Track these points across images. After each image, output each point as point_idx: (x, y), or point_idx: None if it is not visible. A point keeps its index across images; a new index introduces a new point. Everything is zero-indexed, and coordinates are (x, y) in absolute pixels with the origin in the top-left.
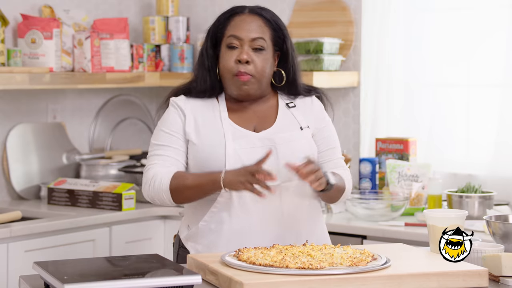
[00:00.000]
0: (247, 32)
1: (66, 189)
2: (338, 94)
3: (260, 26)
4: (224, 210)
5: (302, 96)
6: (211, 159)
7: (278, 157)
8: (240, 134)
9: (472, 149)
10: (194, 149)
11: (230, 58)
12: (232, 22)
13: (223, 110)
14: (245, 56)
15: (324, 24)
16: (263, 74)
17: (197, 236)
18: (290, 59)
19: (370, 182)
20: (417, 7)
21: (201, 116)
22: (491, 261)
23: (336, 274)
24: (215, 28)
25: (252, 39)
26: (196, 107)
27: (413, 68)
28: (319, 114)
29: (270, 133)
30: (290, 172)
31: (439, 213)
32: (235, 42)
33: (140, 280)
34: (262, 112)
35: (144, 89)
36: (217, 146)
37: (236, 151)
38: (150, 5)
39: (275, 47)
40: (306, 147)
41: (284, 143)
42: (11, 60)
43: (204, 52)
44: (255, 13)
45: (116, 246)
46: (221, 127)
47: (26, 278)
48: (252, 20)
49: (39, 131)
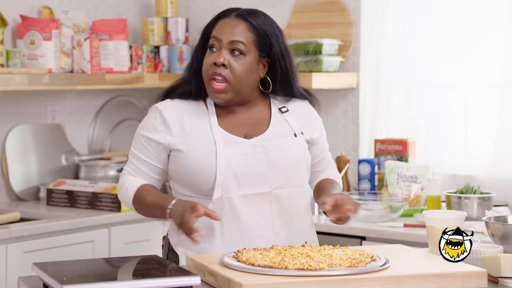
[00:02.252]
0: (227, 34)
1: (65, 190)
2: (337, 95)
3: (244, 30)
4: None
5: (296, 99)
6: (202, 167)
7: (270, 164)
8: (230, 141)
9: (471, 150)
10: (182, 157)
11: (207, 60)
12: (217, 25)
13: (212, 116)
14: (221, 59)
15: (323, 25)
16: (240, 80)
17: (188, 242)
18: (278, 65)
19: (369, 183)
20: (416, 8)
21: (189, 122)
22: (490, 262)
23: (335, 275)
24: (205, 31)
25: (230, 42)
26: (183, 113)
27: (412, 69)
28: (314, 121)
29: (263, 140)
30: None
31: (438, 214)
32: (215, 44)
33: (139, 281)
34: (253, 117)
35: (143, 90)
36: (208, 153)
37: (227, 158)
38: (149, 6)
39: (261, 53)
40: (299, 154)
41: (277, 150)
42: (10, 61)
43: (194, 54)
44: (241, 17)
45: (115, 247)
46: (210, 134)
47: (25, 279)
48: (236, 24)
49: (38, 132)
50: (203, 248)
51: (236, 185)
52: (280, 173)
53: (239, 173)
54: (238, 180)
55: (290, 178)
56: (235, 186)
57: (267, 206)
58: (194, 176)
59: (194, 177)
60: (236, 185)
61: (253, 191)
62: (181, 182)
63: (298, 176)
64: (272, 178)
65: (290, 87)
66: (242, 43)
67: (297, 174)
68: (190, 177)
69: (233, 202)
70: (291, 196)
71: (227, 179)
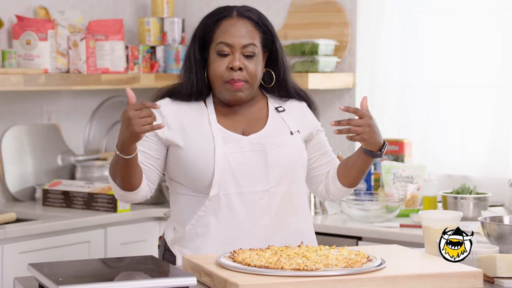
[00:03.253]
0: (238, 39)
1: (61, 191)
2: (333, 95)
3: (250, 30)
4: (211, 214)
5: (292, 100)
6: (200, 164)
7: (268, 162)
8: (229, 138)
9: (467, 150)
10: (180, 153)
11: (221, 65)
12: (221, 27)
13: (211, 113)
14: (237, 63)
15: (319, 26)
16: (255, 78)
17: (184, 240)
18: (280, 58)
19: (365, 183)
20: (412, 8)
21: (188, 119)
22: (486, 262)
23: (331, 275)
24: (203, 32)
25: (243, 46)
26: (182, 110)
27: (408, 69)
28: (311, 120)
29: (260, 137)
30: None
31: (434, 215)
32: (226, 49)
33: (135, 281)
34: (251, 115)
35: (140, 91)
36: (206, 150)
37: (225, 155)
38: (145, 6)
39: (264, 48)
40: (296, 152)
41: (274, 148)
42: (6, 62)
43: (192, 56)
44: (244, 17)
45: (111, 247)
46: (209, 131)
47: (21, 280)
48: (242, 24)
49: (34, 133)
50: (199, 246)
51: (233, 183)
52: (278, 171)
53: (237, 171)
54: (236, 178)
55: (287, 176)
56: (232, 184)
57: (265, 204)
58: (191, 173)
59: (192, 174)
60: (233, 182)
61: (250, 189)
62: (179, 179)
63: (295, 174)
64: (269, 176)
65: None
66: (254, 45)
67: (294, 172)
68: (188, 174)
69: (230, 199)
70: (288, 194)
71: (224, 176)
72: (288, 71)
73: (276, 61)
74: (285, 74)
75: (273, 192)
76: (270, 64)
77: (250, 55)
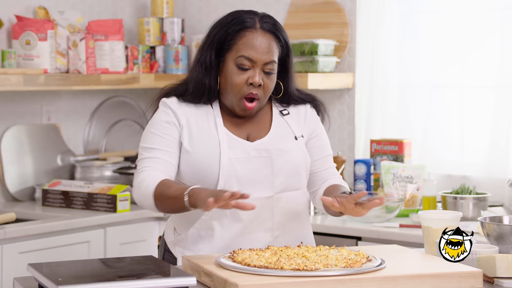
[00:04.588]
0: (261, 55)
1: (60, 191)
2: (333, 95)
3: (274, 47)
4: (215, 219)
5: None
6: (205, 168)
7: (273, 168)
8: (235, 143)
9: (466, 150)
10: (187, 156)
11: (240, 79)
12: (244, 39)
13: (218, 117)
14: (258, 79)
15: (319, 26)
16: (269, 93)
17: (186, 242)
18: (290, 71)
19: (365, 183)
20: (412, 8)
21: (195, 121)
22: (486, 263)
23: (330, 275)
24: (222, 38)
25: (265, 63)
26: (189, 112)
27: (408, 69)
28: (312, 123)
29: (266, 143)
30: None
31: (433, 215)
32: (247, 63)
33: (134, 281)
34: (256, 119)
35: (139, 91)
36: (212, 154)
37: (230, 161)
38: (145, 6)
39: (279, 61)
40: (300, 158)
41: (279, 154)
42: (6, 62)
43: (208, 61)
44: (269, 32)
45: (111, 247)
46: (216, 135)
47: (21, 280)
48: (265, 40)
49: (33, 133)
50: (201, 249)
51: (238, 189)
52: (283, 177)
53: (242, 177)
54: (241, 184)
55: (291, 182)
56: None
57: (268, 210)
58: (196, 177)
59: (197, 178)
60: (238, 188)
61: (255, 195)
62: (184, 181)
63: (298, 179)
64: (274, 182)
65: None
66: (274, 62)
67: (297, 177)
68: (193, 177)
69: None
70: (291, 199)
71: (229, 182)
72: (294, 81)
73: (286, 72)
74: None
75: (277, 198)
76: (280, 75)
77: (270, 72)
